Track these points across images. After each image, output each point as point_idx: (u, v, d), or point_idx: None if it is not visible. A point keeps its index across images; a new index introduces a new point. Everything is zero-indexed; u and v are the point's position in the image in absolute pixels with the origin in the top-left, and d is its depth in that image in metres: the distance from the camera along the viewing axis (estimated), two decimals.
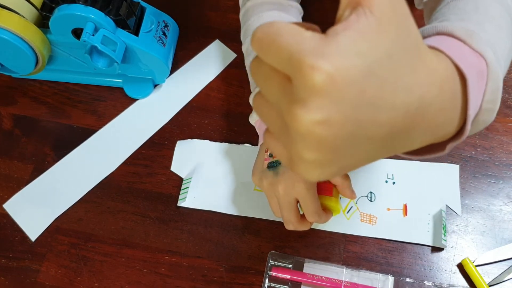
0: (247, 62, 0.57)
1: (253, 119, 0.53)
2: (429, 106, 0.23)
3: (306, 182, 0.46)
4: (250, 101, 0.54)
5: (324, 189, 0.49)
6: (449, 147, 0.28)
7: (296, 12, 0.59)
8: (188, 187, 0.57)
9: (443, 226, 0.51)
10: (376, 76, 0.20)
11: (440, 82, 0.24)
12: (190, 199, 0.56)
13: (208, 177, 0.57)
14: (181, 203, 0.56)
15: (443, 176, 0.55)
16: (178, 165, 0.59)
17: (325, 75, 0.19)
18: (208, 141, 0.59)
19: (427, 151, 0.30)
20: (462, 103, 0.26)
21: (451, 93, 0.25)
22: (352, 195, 0.50)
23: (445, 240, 0.51)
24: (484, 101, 0.29)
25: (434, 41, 0.30)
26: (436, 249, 0.52)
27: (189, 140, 0.60)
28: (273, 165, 0.48)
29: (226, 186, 0.57)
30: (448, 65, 0.26)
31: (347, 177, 0.49)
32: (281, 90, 0.22)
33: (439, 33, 0.31)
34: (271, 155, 0.49)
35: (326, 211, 0.50)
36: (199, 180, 0.57)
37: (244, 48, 0.58)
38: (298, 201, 0.47)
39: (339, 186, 0.49)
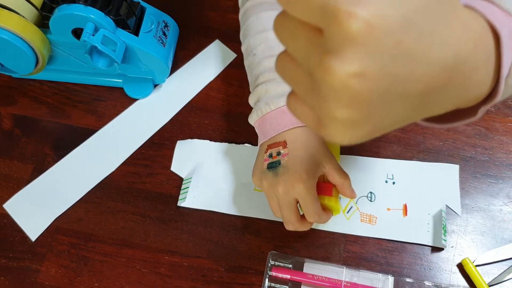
0: (246, 62, 0.57)
1: (252, 119, 0.53)
2: (464, 63, 0.22)
3: (306, 182, 0.46)
4: (250, 101, 0.54)
5: (324, 189, 0.49)
6: (481, 111, 0.27)
7: None
8: (188, 187, 0.57)
9: (443, 226, 0.51)
10: (413, 26, 0.19)
11: (475, 39, 0.23)
12: (190, 199, 0.56)
13: (208, 177, 0.57)
14: (181, 203, 0.56)
15: (443, 176, 0.55)
16: (178, 165, 0.59)
17: (362, 23, 0.18)
18: (208, 141, 0.59)
19: (459, 117, 0.29)
20: (495, 62, 0.25)
21: (485, 51, 0.24)
22: (352, 194, 0.50)
23: (445, 240, 0.51)
24: None
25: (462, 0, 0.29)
26: (436, 249, 0.52)
27: (189, 140, 0.60)
28: (273, 166, 0.48)
29: (226, 186, 0.57)
30: (482, 22, 0.25)
31: (346, 177, 0.49)
32: (310, 44, 0.20)
33: None
34: (270, 156, 0.49)
35: (326, 211, 0.50)
36: (199, 180, 0.57)
37: (243, 48, 0.58)
38: (298, 202, 0.47)
39: (338, 186, 0.49)
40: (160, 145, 0.60)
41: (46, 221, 0.56)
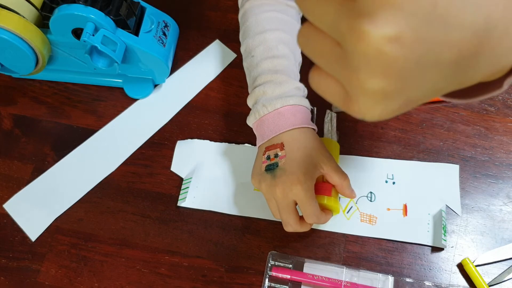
0: (245, 64, 0.57)
1: (250, 121, 0.53)
2: (495, 28, 0.22)
3: (303, 184, 0.46)
4: (248, 103, 0.54)
5: (323, 189, 0.49)
6: (507, 82, 0.26)
7: (295, 13, 0.59)
8: (188, 187, 0.57)
9: (443, 226, 0.51)
10: None
11: (505, 2, 0.22)
12: (190, 199, 0.56)
13: (208, 177, 0.57)
14: (181, 203, 0.56)
15: (443, 176, 0.55)
16: (178, 165, 0.59)
17: None
18: (208, 141, 0.59)
19: (484, 91, 0.28)
20: None
21: None
22: (351, 194, 0.50)
23: (445, 240, 0.51)
24: None
25: None
26: (436, 249, 0.52)
27: (189, 140, 0.60)
28: (271, 168, 0.48)
29: (226, 186, 0.57)
30: None
31: (345, 177, 0.49)
32: (340, 8, 0.19)
33: None
34: (268, 158, 0.49)
35: (325, 212, 0.50)
36: (199, 180, 0.57)
37: (242, 49, 0.58)
38: (296, 203, 0.47)
39: (337, 186, 0.49)
40: (160, 145, 0.60)
41: (46, 221, 0.56)
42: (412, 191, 0.55)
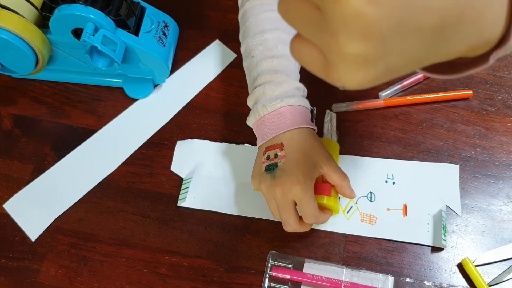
0: (245, 64, 0.57)
1: (250, 121, 0.53)
2: None
3: (303, 185, 0.46)
4: (248, 103, 0.54)
5: (323, 189, 0.49)
6: (493, 57, 0.26)
7: None
8: (188, 187, 0.57)
9: (443, 226, 0.51)
10: None
11: None
12: (190, 199, 0.56)
13: (208, 177, 0.57)
14: (181, 203, 0.56)
15: (443, 176, 0.55)
16: (178, 165, 0.59)
17: None
18: (208, 141, 0.59)
19: (471, 65, 0.28)
20: (509, 2, 0.24)
21: None
22: (351, 194, 0.50)
23: (445, 240, 0.51)
24: None
25: None
26: (436, 249, 0.52)
27: (189, 140, 0.60)
28: (270, 168, 0.48)
29: (226, 186, 0.57)
30: None
31: (345, 177, 0.49)
32: None
33: None
34: (268, 158, 0.49)
35: (325, 211, 0.50)
36: (199, 180, 0.57)
37: (242, 49, 0.58)
38: (296, 203, 0.47)
39: (337, 186, 0.49)
40: (160, 145, 0.60)
41: (46, 221, 0.56)
42: (412, 191, 0.55)
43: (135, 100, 0.63)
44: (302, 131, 0.49)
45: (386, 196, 0.55)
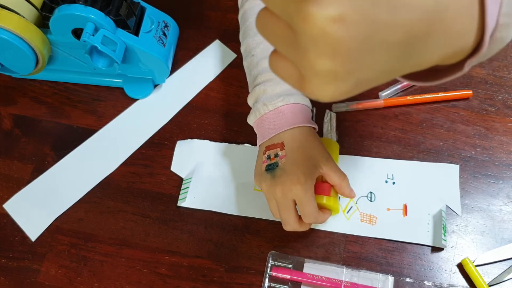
0: (245, 63, 0.57)
1: (251, 120, 0.53)
2: (446, 9, 0.22)
3: (303, 184, 0.46)
4: (248, 102, 0.54)
5: (322, 189, 0.49)
6: (468, 64, 0.26)
7: None
8: (188, 187, 0.57)
9: (443, 226, 0.51)
10: None
11: None
12: (190, 199, 0.56)
13: (208, 177, 0.57)
14: (181, 203, 0.56)
15: (443, 176, 0.55)
16: (178, 165, 0.59)
17: None
18: (208, 141, 0.59)
19: (446, 73, 0.28)
20: (480, 13, 0.24)
21: None
22: (350, 194, 0.50)
23: (445, 240, 0.51)
24: (501, 14, 0.25)
25: None
26: (436, 249, 0.52)
27: (189, 140, 0.60)
28: (271, 168, 0.48)
29: (226, 186, 0.57)
30: None
31: (344, 177, 0.49)
32: None
33: None
34: (269, 157, 0.49)
35: (324, 211, 0.50)
36: (199, 180, 0.57)
37: (242, 49, 0.58)
38: (296, 203, 0.47)
39: (336, 186, 0.49)
40: (160, 145, 0.60)
41: (46, 221, 0.56)
42: (412, 191, 0.55)
43: (135, 100, 0.63)
44: (303, 130, 0.49)
45: (386, 196, 0.55)
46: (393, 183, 0.55)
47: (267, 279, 0.51)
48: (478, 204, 0.54)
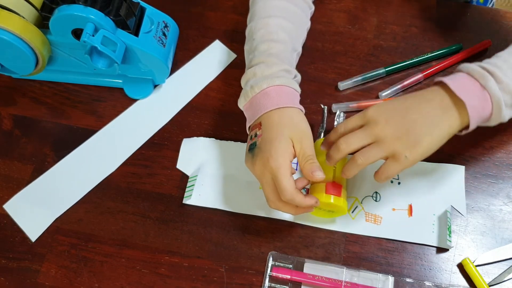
0: (246, 47, 0.58)
1: (241, 103, 0.53)
2: (452, 133, 0.44)
3: (275, 161, 0.46)
4: (241, 83, 0.55)
5: (333, 188, 0.49)
6: (464, 132, 0.47)
7: (306, 7, 0.60)
8: (193, 185, 0.57)
9: (448, 226, 0.51)
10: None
11: (441, 109, 0.45)
12: (195, 197, 0.56)
13: (214, 175, 0.57)
14: (186, 201, 0.56)
15: (448, 177, 0.55)
16: (184, 163, 0.59)
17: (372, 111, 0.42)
18: (213, 139, 0.59)
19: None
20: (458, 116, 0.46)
21: (448, 108, 0.46)
22: (313, 178, 0.47)
23: (450, 241, 0.51)
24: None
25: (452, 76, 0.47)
26: (436, 249, 0.52)
27: (195, 138, 0.60)
28: (252, 147, 0.49)
29: (232, 184, 0.57)
30: (443, 95, 0.46)
31: (311, 160, 0.48)
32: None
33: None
34: (251, 138, 0.50)
35: (308, 196, 0.48)
36: (204, 178, 0.57)
37: (246, 32, 0.59)
38: None
39: (300, 166, 0.48)
40: (160, 146, 0.60)
41: (46, 221, 0.56)
42: (417, 192, 0.55)
43: (135, 100, 0.63)
44: (281, 111, 0.50)
45: (391, 196, 0.55)
46: (399, 183, 0.55)
47: (267, 279, 0.51)
48: (478, 204, 0.54)
